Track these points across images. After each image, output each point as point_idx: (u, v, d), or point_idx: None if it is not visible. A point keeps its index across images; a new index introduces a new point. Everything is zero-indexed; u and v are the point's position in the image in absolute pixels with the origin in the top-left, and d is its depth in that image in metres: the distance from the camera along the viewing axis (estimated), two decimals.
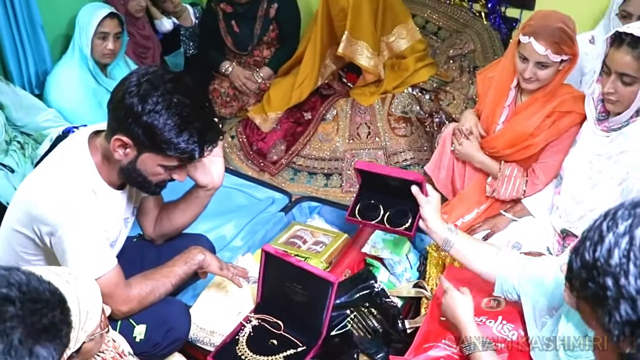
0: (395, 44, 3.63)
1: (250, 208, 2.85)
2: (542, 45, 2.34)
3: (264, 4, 3.74)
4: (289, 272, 2.06)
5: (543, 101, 2.52)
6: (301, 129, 3.49)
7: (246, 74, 3.78)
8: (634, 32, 2.02)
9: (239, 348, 2.10)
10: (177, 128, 1.67)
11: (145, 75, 1.69)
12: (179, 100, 1.68)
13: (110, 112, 1.75)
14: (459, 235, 2.03)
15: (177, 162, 1.77)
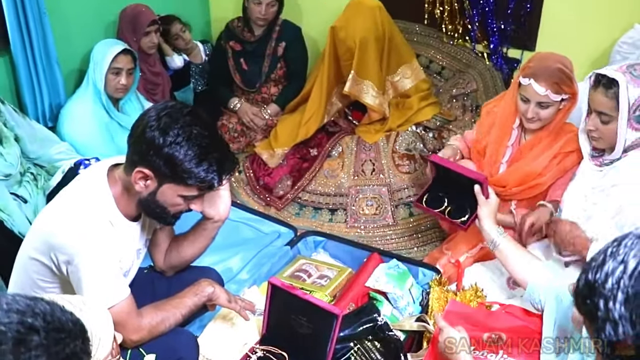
0: (400, 83, 3.71)
1: (257, 242, 2.90)
2: (543, 86, 2.43)
3: (272, 43, 3.84)
4: (294, 304, 2.12)
5: (548, 140, 2.60)
6: (307, 164, 3.55)
7: (254, 111, 3.86)
8: (607, 73, 2.13)
9: None
10: (197, 158, 1.75)
11: (164, 110, 1.77)
12: (198, 132, 1.75)
13: (130, 146, 1.82)
14: (506, 239, 2.23)
15: (196, 192, 1.83)
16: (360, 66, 3.47)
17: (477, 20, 4.02)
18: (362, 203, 3.37)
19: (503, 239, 2.24)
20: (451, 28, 4.10)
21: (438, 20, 4.11)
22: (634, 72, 2.12)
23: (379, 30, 3.49)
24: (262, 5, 3.70)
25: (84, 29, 3.48)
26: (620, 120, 2.14)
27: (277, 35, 3.87)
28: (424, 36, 4.17)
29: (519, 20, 3.95)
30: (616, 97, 2.12)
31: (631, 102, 2.11)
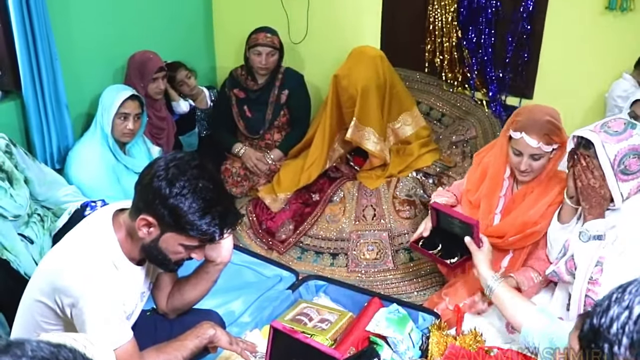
0: (401, 130, 3.78)
1: (259, 285, 2.92)
2: (534, 138, 2.49)
3: (275, 91, 3.93)
4: (295, 348, 2.14)
5: (540, 189, 2.65)
6: (309, 209, 3.60)
7: (257, 156, 3.93)
8: (583, 134, 2.21)
9: None
10: (201, 211, 1.78)
11: (172, 161, 1.82)
12: (204, 185, 1.80)
13: (137, 193, 1.86)
14: (501, 284, 2.32)
15: (197, 243, 1.87)
16: (362, 113, 3.55)
17: (476, 69, 4.09)
18: (363, 248, 3.41)
19: (498, 285, 2.32)
20: (451, 76, 4.17)
21: (438, 69, 4.19)
22: (609, 130, 2.18)
23: (381, 78, 3.57)
24: (263, 56, 3.79)
25: (94, 74, 3.57)
26: (608, 178, 2.19)
27: (280, 83, 3.96)
28: (425, 84, 4.24)
29: (517, 69, 4.02)
30: (596, 156, 2.18)
31: (612, 159, 2.16)
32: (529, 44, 3.92)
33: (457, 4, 3.95)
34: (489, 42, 3.99)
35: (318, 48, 4.45)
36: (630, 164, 2.17)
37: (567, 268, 2.28)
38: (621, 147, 2.16)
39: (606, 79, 3.74)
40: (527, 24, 3.86)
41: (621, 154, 2.16)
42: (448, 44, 4.07)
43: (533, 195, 2.67)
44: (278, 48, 3.87)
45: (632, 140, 2.16)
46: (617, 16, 3.65)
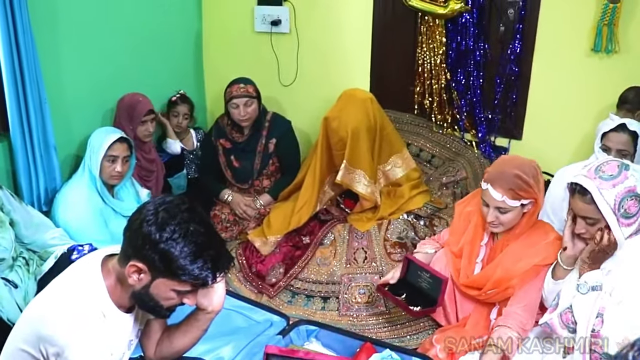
0: (391, 172, 3.76)
1: (249, 330, 2.86)
2: (499, 192, 2.48)
3: (263, 140, 3.91)
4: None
5: (520, 243, 2.63)
6: (300, 252, 3.54)
7: (246, 202, 3.90)
8: (579, 182, 2.19)
9: None
10: (192, 255, 1.74)
11: (162, 205, 1.78)
12: (195, 229, 1.76)
13: (126, 239, 1.81)
14: None
15: (190, 287, 1.82)
16: (352, 156, 3.53)
17: (465, 110, 4.12)
18: (354, 291, 3.35)
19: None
20: (440, 118, 4.20)
21: (427, 110, 4.22)
22: (603, 175, 2.16)
23: (371, 121, 3.57)
24: (240, 108, 3.77)
25: (83, 116, 3.54)
26: (612, 225, 2.16)
27: (267, 131, 3.93)
28: (414, 125, 4.26)
29: (506, 110, 4.07)
30: (594, 202, 2.16)
31: (612, 205, 2.14)
32: (517, 86, 3.97)
33: (445, 47, 3.99)
34: (478, 83, 4.03)
35: (308, 90, 4.48)
36: (630, 207, 2.15)
37: (561, 321, 2.24)
38: (618, 190, 2.14)
39: (593, 119, 3.79)
40: (514, 66, 3.91)
41: (619, 197, 2.14)
42: (437, 86, 4.10)
43: (514, 248, 2.64)
44: (254, 96, 3.83)
45: (627, 183, 2.15)
46: (603, 58, 3.72)
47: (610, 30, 3.61)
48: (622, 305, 2.11)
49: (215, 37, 4.66)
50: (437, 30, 3.95)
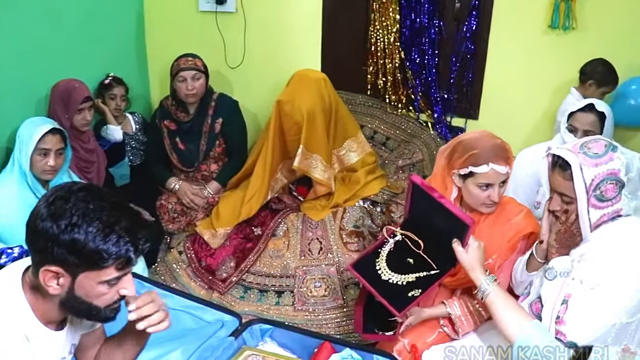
0: (346, 157, 3.63)
1: (199, 332, 2.68)
2: (502, 164, 2.34)
3: (209, 120, 3.73)
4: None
5: (491, 221, 2.49)
6: (251, 244, 3.39)
7: (194, 191, 3.72)
8: (561, 154, 2.08)
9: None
10: (101, 233, 1.51)
11: (52, 195, 1.54)
12: (96, 206, 1.53)
13: (29, 246, 1.58)
14: (495, 289, 2.11)
15: (116, 272, 1.58)
16: (309, 140, 3.39)
17: (420, 90, 4.08)
18: (310, 284, 3.23)
19: (493, 288, 2.11)
20: (394, 98, 4.14)
21: (381, 91, 4.15)
22: (588, 152, 2.05)
23: (326, 102, 3.43)
24: (188, 81, 3.61)
25: (13, 105, 3.28)
26: (579, 202, 2.06)
27: (213, 111, 3.76)
28: (368, 107, 4.18)
29: (462, 89, 4.05)
30: (572, 178, 2.05)
31: (588, 184, 2.03)
32: (473, 64, 3.95)
33: (399, 24, 3.92)
34: (433, 62, 4.00)
35: (256, 72, 4.33)
36: (607, 190, 2.04)
37: (531, 311, 2.14)
38: (600, 171, 2.03)
39: (550, 97, 3.79)
40: (470, 44, 3.88)
41: (599, 178, 2.03)
42: (391, 65, 4.04)
43: (485, 227, 2.51)
44: (203, 71, 3.68)
45: (611, 165, 2.04)
46: (560, 35, 3.70)
47: (567, 7, 3.58)
48: (596, 291, 2.01)
49: (158, 17, 4.44)
50: (390, 7, 3.88)
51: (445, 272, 2.31)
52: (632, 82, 3.54)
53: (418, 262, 2.36)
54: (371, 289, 2.32)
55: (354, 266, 2.40)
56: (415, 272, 2.34)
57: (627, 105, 3.52)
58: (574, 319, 1.98)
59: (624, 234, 2.05)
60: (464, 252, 2.18)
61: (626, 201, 2.08)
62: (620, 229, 2.06)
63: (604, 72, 3.51)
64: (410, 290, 2.31)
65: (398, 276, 2.34)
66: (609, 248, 2.03)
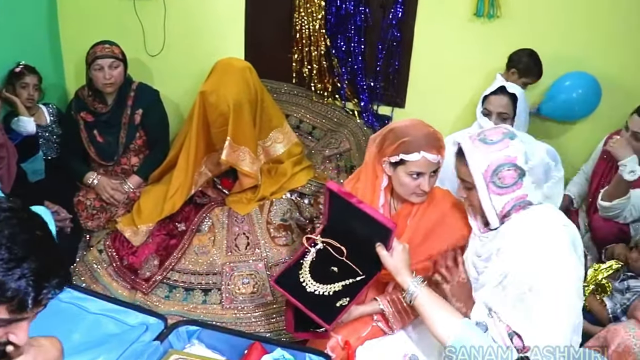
0: (272, 148, 3.55)
1: (121, 338, 2.54)
2: (434, 153, 2.31)
3: (128, 110, 3.59)
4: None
5: (422, 208, 2.46)
6: (175, 241, 3.27)
7: (113, 185, 3.56)
8: (459, 141, 2.12)
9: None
10: (5, 265, 1.29)
11: None
12: (11, 233, 1.31)
13: None
14: (424, 290, 2.06)
15: (6, 314, 1.32)
16: (236, 132, 3.28)
17: (347, 78, 4.07)
18: (237, 281, 3.14)
19: (421, 290, 2.07)
20: (320, 87, 4.11)
21: (307, 79, 4.11)
22: (485, 139, 2.08)
23: (252, 92, 3.34)
24: (105, 70, 3.45)
25: None
26: (478, 188, 2.07)
27: (133, 101, 3.61)
28: (293, 95, 4.13)
29: (388, 77, 4.05)
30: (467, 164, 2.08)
31: (483, 169, 2.05)
32: (399, 52, 3.95)
33: (324, 11, 3.86)
34: (359, 50, 3.96)
35: (177, 60, 4.20)
36: (505, 177, 2.05)
37: None
38: (495, 157, 2.04)
39: (476, 85, 3.81)
40: (397, 31, 3.87)
41: (495, 164, 2.04)
42: (316, 53, 3.99)
43: (419, 217, 2.47)
44: (121, 59, 3.52)
45: (507, 151, 2.05)
46: (485, 23, 3.73)
47: None
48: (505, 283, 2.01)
49: (72, 3, 4.23)
50: None
51: (371, 277, 2.26)
52: (566, 77, 3.60)
53: (343, 269, 2.30)
54: (297, 303, 2.25)
55: (277, 281, 2.31)
56: (341, 280, 2.27)
57: (560, 100, 3.60)
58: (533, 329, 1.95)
59: (535, 225, 2.05)
60: (388, 256, 2.15)
61: (531, 189, 2.09)
62: (532, 218, 2.07)
63: (527, 63, 3.57)
64: (338, 299, 2.25)
65: (324, 286, 2.27)
66: (524, 242, 2.03)
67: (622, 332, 2.32)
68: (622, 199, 3.03)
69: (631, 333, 2.29)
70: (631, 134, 3.07)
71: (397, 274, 2.13)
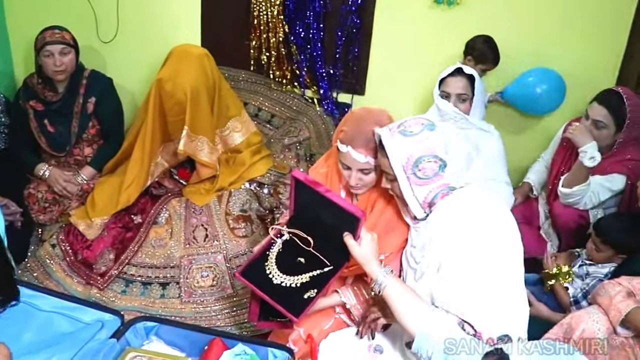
0: (230, 137, 3.48)
1: (76, 336, 2.45)
2: (361, 152, 2.24)
3: (80, 99, 3.46)
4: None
5: (383, 202, 2.42)
6: (131, 234, 3.18)
7: (65, 177, 3.43)
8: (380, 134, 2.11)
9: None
10: None
11: None
12: None
13: None
14: (393, 280, 2.01)
15: None
16: (194, 120, 3.20)
17: (306, 66, 4.03)
18: (196, 274, 3.08)
19: (390, 280, 2.02)
20: (279, 74, 4.07)
21: (265, 66, 4.05)
22: (404, 131, 2.06)
23: (209, 79, 3.26)
24: (55, 56, 3.31)
25: None
26: (399, 179, 2.07)
27: (85, 89, 3.48)
28: (251, 83, 4.08)
29: (348, 64, 4.02)
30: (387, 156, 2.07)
31: (404, 162, 2.04)
32: (358, 39, 3.93)
33: None
34: (318, 37, 3.92)
35: (131, 47, 4.09)
36: (425, 169, 2.05)
37: None
38: (414, 149, 2.03)
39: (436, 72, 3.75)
40: (356, 18, 3.83)
41: (415, 156, 2.03)
42: (275, 40, 3.93)
43: (377, 212, 2.43)
44: (72, 45, 3.39)
45: (426, 143, 2.04)
46: (445, 10, 3.72)
47: None
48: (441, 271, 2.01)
49: None
50: None
51: (339, 268, 2.20)
52: (531, 73, 3.61)
53: (310, 260, 2.23)
54: (264, 296, 2.18)
55: (243, 273, 2.24)
56: (309, 271, 2.20)
57: (524, 95, 3.61)
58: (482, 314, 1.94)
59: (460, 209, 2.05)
60: (356, 245, 2.08)
61: (452, 179, 2.09)
62: (456, 203, 2.07)
63: (482, 49, 3.58)
64: (305, 291, 2.18)
65: (291, 278, 2.19)
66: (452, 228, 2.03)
67: (585, 317, 2.34)
68: (582, 186, 3.06)
69: (594, 318, 2.32)
70: (591, 122, 3.09)
71: (365, 263, 2.07)
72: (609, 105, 3.08)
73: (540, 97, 3.57)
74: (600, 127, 3.08)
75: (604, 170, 3.11)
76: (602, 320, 2.30)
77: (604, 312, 2.33)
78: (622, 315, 2.25)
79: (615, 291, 2.35)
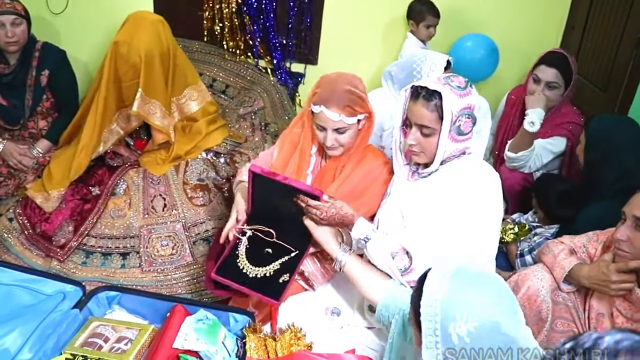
0: (186, 105, 3.46)
1: (37, 308, 2.45)
2: (335, 111, 2.32)
3: (33, 72, 3.40)
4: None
5: (351, 165, 2.49)
6: (89, 206, 3.16)
7: (20, 150, 3.38)
8: (428, 85, 2.10)
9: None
10: None
11: None
12: None
13: None
14: (352, 258, 2.19)
15: None
16: (148, 84, 3.16)
17: (259, 36, 4.05)
18: (156, 243, 3.09)
19: (349, 257, 2.18)
20: (232, 45, 4.06)
21: (218, 37, 4.07)
22: (452, 84, 2.10)
23: (164, 46, 3.22)
24: (7, 27, 3.24)
25: None
26: (442, 132, 2.10)
27: (38, 62, 3.41)
28: (205, 54, 4.08)
29: (300, 35, 4.05)
30: (438, 109, 2.08)
31: (454, 114, 2.08)
32: (310, 9, 3.95)
33: None
34: (270, 7, 3.95)
35: (83, 18, 4.05)
36: (464, 124, 2.12)
37: None
38: (461, 104, 2.08)
39: (389, 40, 3.81)
40: None
41: (459, 112, 2.09)
42: (228, 11, 3.95)
43: (344, 174, 2.50)
44: (24, 15, 3.32)
45: (469, 99, 2.11)
46: None
47: None
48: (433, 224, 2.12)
49: None
50: None
51: (305, 251, 2.34)
52: (468, 38, 3.67)
53: (276, 249, 2.37)
54: (243, 289, 2.29)
55: (217, 273, 2.33)
56: (278, 258, 2.34)
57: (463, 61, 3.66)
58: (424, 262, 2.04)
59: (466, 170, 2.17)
60: (316, 227, 2.23)
61: (475, 137, 2.18)
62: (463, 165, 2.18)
63: (416, 8, 3.68)
64: (279, 276, 2.31)
65: (263, 269, 2.33)
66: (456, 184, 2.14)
67: (531, 275, 2.44)
68: (526, 151, 3.17)
69: (539, 276, 2.42)
70: (544, 85, 3.20)
71: (325, 242, 2.23)
72: (559, 65, 3.21)
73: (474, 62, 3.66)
74: (553, 87, 3.22)
75: (546, 134, 3.24)
76: (545, 278, 2.41)
77: (548, 270, 2.44)
78: (565, 271, 2.36)
79: (558, 249, 2.47)
